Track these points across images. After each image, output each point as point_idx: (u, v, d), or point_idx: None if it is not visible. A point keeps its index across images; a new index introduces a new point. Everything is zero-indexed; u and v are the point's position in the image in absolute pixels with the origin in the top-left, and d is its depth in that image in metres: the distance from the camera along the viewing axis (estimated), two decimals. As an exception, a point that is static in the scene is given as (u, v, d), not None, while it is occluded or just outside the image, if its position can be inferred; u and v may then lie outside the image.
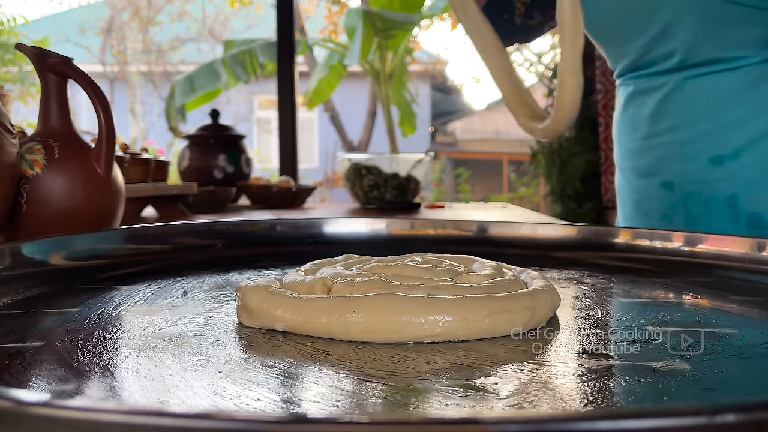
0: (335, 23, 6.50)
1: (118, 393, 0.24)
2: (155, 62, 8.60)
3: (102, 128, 0.62)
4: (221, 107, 2.94)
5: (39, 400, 0.14)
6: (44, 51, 0.60)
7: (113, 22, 8.53)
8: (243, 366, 0.27)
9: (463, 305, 0.31)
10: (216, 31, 8.87)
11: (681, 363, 0.27)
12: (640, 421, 0.13)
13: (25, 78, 4.77)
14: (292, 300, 0.32)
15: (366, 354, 0.28)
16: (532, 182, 5.56)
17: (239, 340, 0.31)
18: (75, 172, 0.60)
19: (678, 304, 0.39)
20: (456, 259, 0.42)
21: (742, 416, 0.13)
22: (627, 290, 0.43)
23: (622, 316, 0.35)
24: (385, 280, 0.34)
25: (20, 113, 4.36)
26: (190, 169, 1.60)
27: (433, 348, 0.29)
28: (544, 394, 0.23)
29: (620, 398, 0.23)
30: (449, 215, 1.38)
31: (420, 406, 0.22)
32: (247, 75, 4.60)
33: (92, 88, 0.61)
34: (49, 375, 0.26)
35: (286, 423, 0.14)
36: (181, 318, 0.35)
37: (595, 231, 0.58)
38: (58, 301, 0.39)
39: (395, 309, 0.30)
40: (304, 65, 6.62)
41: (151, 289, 0.42)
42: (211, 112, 1.69)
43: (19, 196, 0.58)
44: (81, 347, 0.29)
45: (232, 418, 0.13)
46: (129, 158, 1.19)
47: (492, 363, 0.27)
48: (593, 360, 0.27)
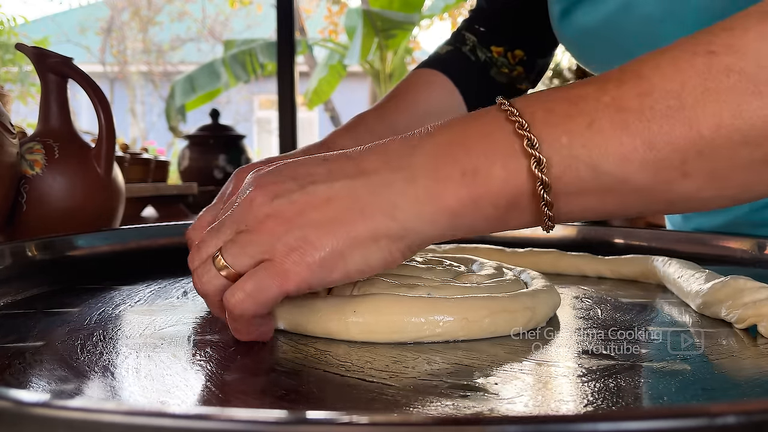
0: (335, 23, 6.51)
1: (118, 393, 0.24)
2: (155, 62, 8.61)
3: (102, 128, 0.62)
4: (221, 107, 2.94)
5: (39, 400, 0.14)
6: (44, 51, 0.60)
7: (113, 22, 8.54)
8: (243, 366, 0.27)
9: (463, 305, 0.31)
10: (216, 31, 8.87)
11: (681, 363, 0.27)
12: (640, 422, 0.13)
13: (25, 78, 4.77)
14: (292, 300, 0.32)
15: (366, 354, 0.28)
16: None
17: (239, 340, 0.31)
18: (75, 172, 0.60)
19: (678, 304, 0.39)
20: (456, 259, 0.42)
21: (743, 418, 0.13)
22: (627, 290, 0.43)
23: (622, 316, 0.35)
24: (385, 280, 0.34)
25: (20, 113, 4.36)
26: (190, 169, 1.60)
27: (433, 348, 0.29)
28: (544, 394, 0.23)
29: (620, 398, 0.23)
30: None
31: (420, 406, 0.22)
32: (247, 75, 4.60)
33: (92, 88, 0.61)
34: (49, 375, 0.25)
35: (286, 423, 0.14)
36: (181, 318, 0.35)
37: (595, 231, 0.58)
38: (58, 301, 0.39)
39: (395, 309, 0.30)
40: (304, 65, 6.62)
41: (151, 289, 0.42)
42: (211, 112, 1.69)
43: (19, 196, 0.58)
44: (81, 347, 0.29)
45: (232, 419, 0.13)
46: (129, 158, 1.19)
47: (492, 363, 0.27)
48: (593, 360, 0.27)
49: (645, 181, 0.27)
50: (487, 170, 0.27)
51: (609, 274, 0.48)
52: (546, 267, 0.49)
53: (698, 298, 0.36)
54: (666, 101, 0.26)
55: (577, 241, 0.57)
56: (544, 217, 0.28)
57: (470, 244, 0.53)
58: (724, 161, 0.26)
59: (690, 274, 0.39)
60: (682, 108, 0.26)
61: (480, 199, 0.27)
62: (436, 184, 0.27)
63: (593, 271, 0.48)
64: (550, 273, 0.48)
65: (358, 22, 4.21)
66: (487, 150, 0.27)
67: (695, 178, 0.26)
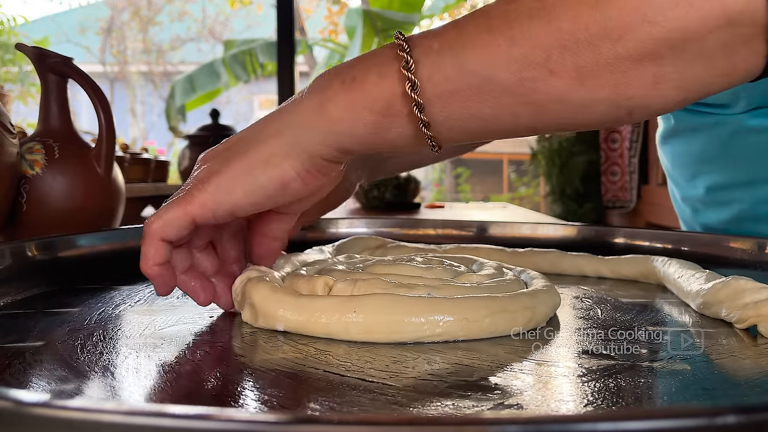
0: (335, 23, 6.50)
1: (118, 393, 0.24)
2: (155, 62, 8.60)
3: (102, 128, 0.62)
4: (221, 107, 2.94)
5: (39, 400, 0.14)
6: (44, 51, 0.60)
7: (113, 22, 8.53)
8: (243, 366, 0.27)
9: (463, 305, 0.31)
10: (216, 31, 8.86)
11: (681, 363, 0.27)
12: (640, 422, 0.13)
13: (25, 78, 4.77)
14: (293, 300, 0.32)
15: (366, 354, 0.28)
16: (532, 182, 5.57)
17: (239, 340, 0.31)
18: (75, 172, 0.60)
19: (678, 304, 0.39)
20: (456, 259, 0.42)
21: (743, 417, 0.13)
22: (627, 290, 0.43)
23: (622, 316, 0.35)
24: (385, 280, 0.34)
25: (20, 113, 4.36)
26: (190, 169, 1.59)
27: (433, 348, 0.29)
28: (544, 394, 0.23)
29: (620, 398, 0.23)
30: (449, 215, 1.39)
31: (420, 406, 0.22)
32: (247, 75, 4.60)
33: (92, 88, 0.61)
34: (49, 375, 0.25)
35: (286, 423, 0.14)
36: (181, 318, 0.35)
37: (595, 231, 0.58)
38: (58, 301, 0.39)
39: (396, 309, 0.30)
40: (304, 65, 6.62)
41: (151, 289, 0.42)
42: (211, 112, 1.69)
43: (19, 196, 0.58)
44: (81, 347, 0.29)
45: (232, 419, 0.13)
46: (129, 158, 1.19)
47: (492, 363, 0.27)
48: (593, 360, 0.27)
49: (511, 78, 0.27)
50: (363, 77, 0.29)
51: (609, 274, 0.48)
52: (546, 267, 0.49)
53: (698, 298, 0.36)
54: (529, 4, 0.27)
55: (577, 241, 0.57)
56: (420, 123, 0.29)
57: (470, 244, 0.53)
58: (588, 56, 0.26)
59: (690, 274, 0.39)
60: (542, 8, 0.27)
61: (355, 102, 0.29)
62: (319, 96, 0.30)
63: (593, 271, 0.48)
64: (550, 273, 0.48)
65: (358, 22, 4.21)
66: (368, 63, 0.30)
67: (562, 75, 0.27)
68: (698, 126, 0.64)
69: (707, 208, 0.66)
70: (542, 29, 0.26)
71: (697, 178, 0.66)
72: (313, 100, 0.30)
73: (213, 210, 0.31)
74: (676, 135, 0.67)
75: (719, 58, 0.26)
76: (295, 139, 0.30)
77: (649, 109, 0.28)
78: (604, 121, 0.29)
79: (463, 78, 0.28)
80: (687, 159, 0.67)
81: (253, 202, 0.31)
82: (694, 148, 0.66)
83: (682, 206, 0.71)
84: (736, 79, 0.27)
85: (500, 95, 0.28)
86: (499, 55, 0.27)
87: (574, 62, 0.26)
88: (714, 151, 0.63)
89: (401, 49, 0.28)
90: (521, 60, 0.27)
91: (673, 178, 0.72)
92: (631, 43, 0.25)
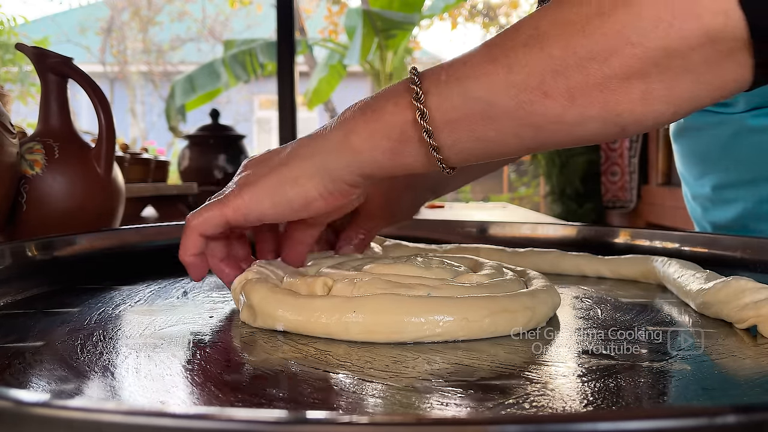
0: (335, 23, 6.50)
1: (118, 393, 0.24)
2: (155, 62, 8.60)
3: (102, 128, 0.62)
4: (221, 107, 2.94)
5: (39, 400, 0.14)
6: (44, 51, 0.60)
7: (113, 22, 8.53)
8: (243, 366, 0.27)
9: (463, 305, 0.31)
10: (216, 31, 8.86)
11: (681, 363, 0.27)
12: (640, 422, 0.13)
13: (25, 78, 4.77)
14: (292, 300, 0.32)
15: (366, 354, 0.28)
16: (532, 182, 5.57)
17: (239, 340, 0.31)
18: (75, 172, 0.60)
19: (678, 304, 0.39)
20: (456, 259, 0.42)
21: (743, 417, 0.13)
22: (627, 290, 0.43)
23: (622, 316, 0.35)
24: (385, 279, 0.34)
25: (20, 113, 4.36)
26: (190, 169, 1.60)
27: (433, 348, 0.29)
28: (544, 394, 0.23)
29: (620, 398, 0.23)
30: (449, 215, 1.39)
31: (420, 406, 0.22)
32: (247, 75, 4.60)
33: (92, 88, 0.61)
34: (49, 375, 0.26)
35: (286, 423, 0.14)
36: (181, 318, 0.35)
37: (595, 231, 0.58)
38: (58, 301, 0.39)
39: (395, 309, 0.30)
40: (304, 65, 6.62)
41: (151, 289, 0.42)
42: (211, 112, 1.69)
43: (19, 196, 0.58)
44: (81, 347, 0.29)
45: (232, 419, 0.13)
46: (129, 158, 1.19)
47: (492, 363, 0.27)
48: (593, 360, 0.27)
49: (510, 102, 0.29)
50: (382, 108, 0.32)
51: (609, 274, 0.48)
52: (546, 267, 0.49)
53: (699, 298, 0.36)
54: (527, 32, 0.29)
55: (577, 241, 0.57)
56: (431, 149, 0.31)
57: (470, 244, 0.53)
58: (578, 78, 0.28)
59: (690, 274, 0.39)
60: (537, 36, 0.29)
61: (375, 132, 0.32)
62: (344, 127, 0.33)
63: (593, 271, 0.48)
64: (550, 273, 0.48)
65: (358, 22, 4.21)
66: (387, 95, 0.33)
67: (556, 97, 0.28)
68: (702, 125, 0.65)
69: (714, 206, 0.67)
70: (536, 56, 0.28)
71: (704, 176, 0.68)
72: (340, 131, 0.34)
73: (245, 215, 0.35)
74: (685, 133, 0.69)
75: (705, 72, 0.27)
76: (322, 164, 0.34)
77: (642, 124, 0.29)
78: (599, 138, 0.30)
79: (467, 105, 0.30)
80: (694, 158, 0.69)
81: (279, 213, 0.35)
82: (700, 147, 0.67)
83: (693, 204, 0.72)
84: (726, 91, 0.28)
85: (502, 119, 0.30)
86: (499, 82, 0.29)
87: (566, 84, 0.28)
88: (717, 150, 0.64)
89: (413, 82, 0.31)
90: (518, 85, 0.29)
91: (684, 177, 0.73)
92: (617, 63, 0.27)
